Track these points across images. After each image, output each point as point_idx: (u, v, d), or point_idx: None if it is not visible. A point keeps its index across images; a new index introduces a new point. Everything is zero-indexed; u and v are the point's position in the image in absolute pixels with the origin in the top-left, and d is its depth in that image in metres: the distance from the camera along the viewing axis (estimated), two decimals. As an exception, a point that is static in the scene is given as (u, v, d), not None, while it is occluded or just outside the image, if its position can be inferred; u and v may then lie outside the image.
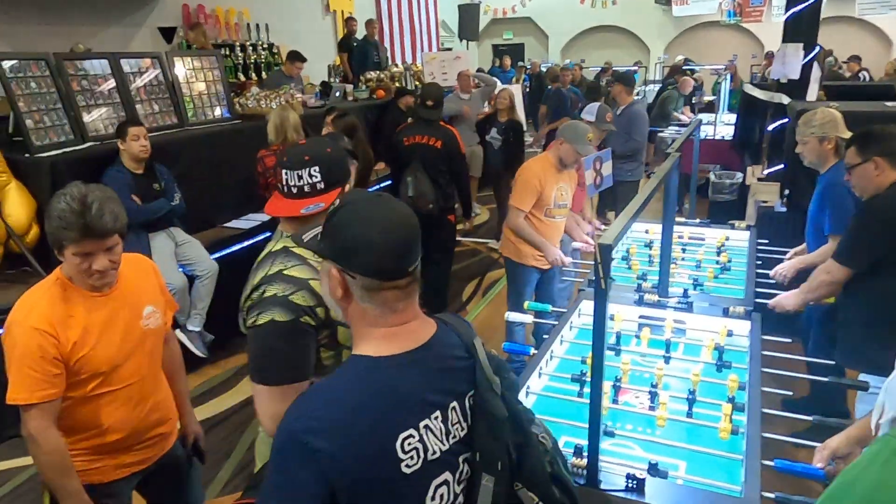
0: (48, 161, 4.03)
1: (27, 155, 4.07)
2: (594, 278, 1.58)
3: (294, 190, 1.72)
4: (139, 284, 2.06)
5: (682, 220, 4.22)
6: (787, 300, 2.84)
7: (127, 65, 4.86)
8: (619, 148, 5.36)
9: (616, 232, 1.65)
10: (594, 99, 7.44)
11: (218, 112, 5.52)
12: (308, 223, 1.69)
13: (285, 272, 1.64)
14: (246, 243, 4.86)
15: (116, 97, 4.72)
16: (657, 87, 11.81)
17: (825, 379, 2.33)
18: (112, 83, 4.71)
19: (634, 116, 5.71)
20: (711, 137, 7.94)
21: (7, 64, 4.08)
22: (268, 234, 1.98)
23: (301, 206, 1.70)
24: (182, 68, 5.30)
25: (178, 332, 4.28)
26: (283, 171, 1.74)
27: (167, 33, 7.87)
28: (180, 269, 4.27)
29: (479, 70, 11.10)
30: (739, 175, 6.48)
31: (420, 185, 4.62)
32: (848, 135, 3.01)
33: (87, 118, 4.49)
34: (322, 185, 1.71)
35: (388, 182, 6.69)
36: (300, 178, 1.70)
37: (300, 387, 1.57)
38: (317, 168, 1.70)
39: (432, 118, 4.78)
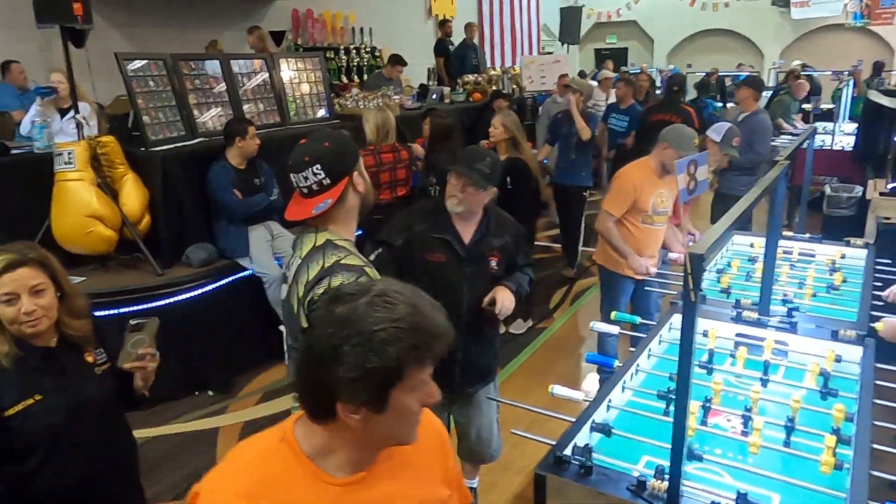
0: (160, 155, 4.30)
1: (143, 149, 4.36)
2: (684, 290, 1.48)
3: (305, 190, 1.77)
4: (426, 457, 1.21)
5: (790, 234, 3.94)
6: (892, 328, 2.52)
7: (236, 66, 5.12)
8: (736, 158, 5.03)
9: (710, 242, 1.54)
10: (706, 96, 7.07)
11: (319, 112, 5.70)
12: (328, 218, 1.79)
13: (343, 262, 1.71)
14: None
15: (225, 96, 4.98)
16: (768, 93, 11.12)
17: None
18: (222, 83, 4.97)
19: (758, 125, 5.34)
20: (828, 147, 7.39)
21: (130, 65, 4.39)
22: (358, 232, 1.98)
23: (312, 207, 1.75)
24: (287, 70, 5.52)
25: (281, 326, 4.43)
26: (290, 174, 1.78)
27: (277, 36, 8.25)
28: (276, 262, 4.44)
29: (580, 73, 10.93)
30: (859, 189, 5.98)
31: None
32: None
33: (197, 115, 4.76)
34: (328, 181, 1.74)
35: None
36: (306, 178, 1.74)
37: None
38: (318, 166, 1.73)
39: (674, 100, 6.39)
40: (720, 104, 11.21)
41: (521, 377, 4.36)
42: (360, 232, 2.15)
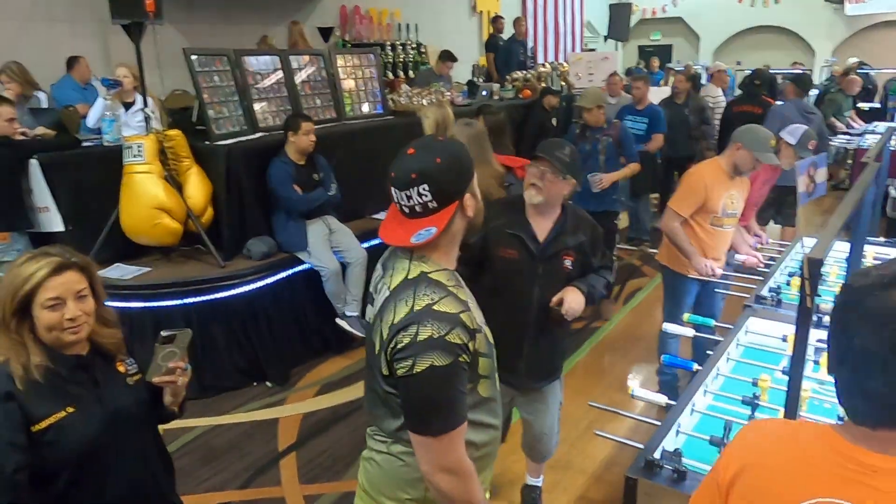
0: (225, 149, 4.37)
1: (207, 142, 4.43)
2: (798, 295, 1.44)
3: (406, 210, 1.51)
4: None
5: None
6: None
7: (295, 62, 5.17)
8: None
9: (825, 246, 1.50)
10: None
11: (372, 108, 5.73)
12: (428, 244, 1.50)
13: (435, 308, 1.44)
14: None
15: (284, 91, 5.04)
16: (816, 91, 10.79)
17: None
18: (281, 78, 5.02)
19: (776, 113, 5.28)
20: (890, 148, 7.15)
21: (196, 59, 4.47)
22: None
23: (411, 234, 1.48)
24: (343, 66, 5.55)
25: (337, 319, 4.48)
26: (391, 187, 1.52)
27: (324, 32, 8.31)
28: (334, 255, 4.47)
29: (627, 70, 10.79)
30: (925, 191, 5.80)
31: None
32: None
33: (257, 110, 4.82)
34: (434, 204, 1.47)
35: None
36: (409, 198, 1.48)
37: (462, 429, 1.48)
38: (425, 186, 1.46)
39: (757, 93, 6.63)
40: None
41: (576, 377, 4.32)
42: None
